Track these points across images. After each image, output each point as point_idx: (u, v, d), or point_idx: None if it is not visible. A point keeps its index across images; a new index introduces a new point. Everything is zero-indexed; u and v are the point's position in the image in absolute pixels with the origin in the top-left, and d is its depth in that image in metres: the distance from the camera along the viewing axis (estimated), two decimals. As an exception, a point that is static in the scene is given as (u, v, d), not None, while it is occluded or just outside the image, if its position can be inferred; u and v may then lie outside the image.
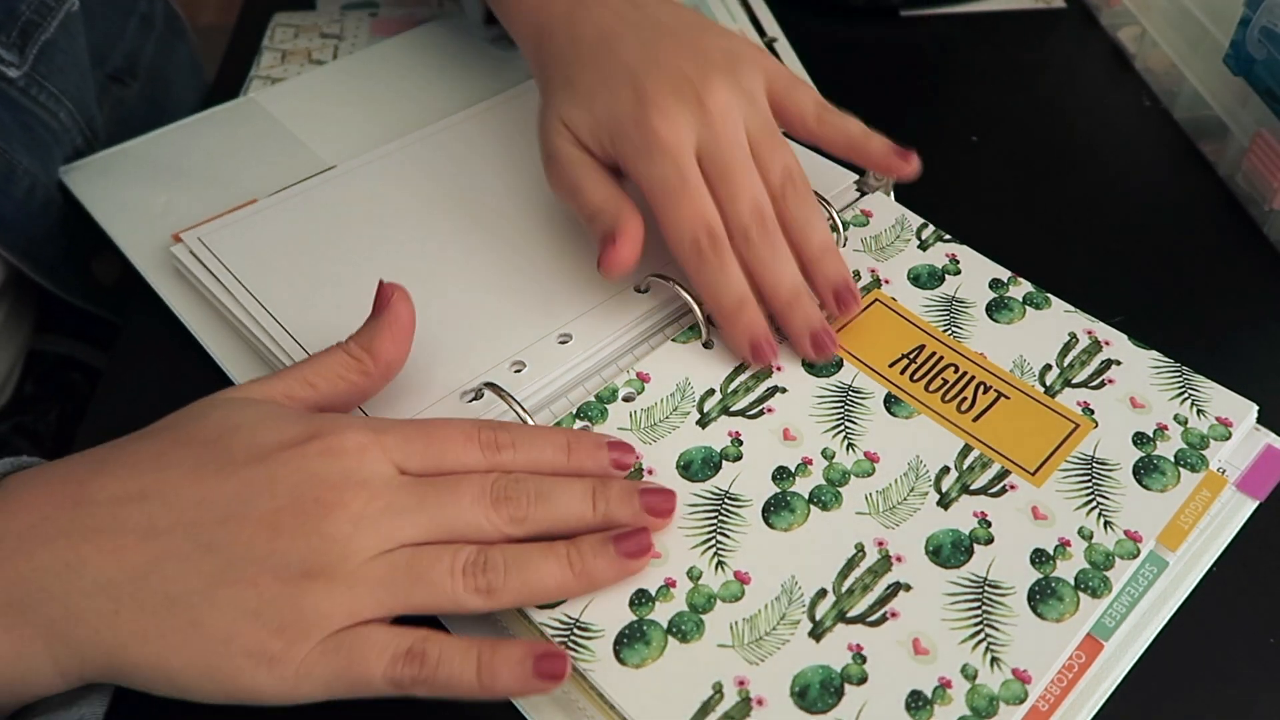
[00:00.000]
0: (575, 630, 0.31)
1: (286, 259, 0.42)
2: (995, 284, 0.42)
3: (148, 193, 0.47)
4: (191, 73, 0.62)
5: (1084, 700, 0.31)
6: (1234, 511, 0.36)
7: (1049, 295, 0.41)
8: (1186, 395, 0.37)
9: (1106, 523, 0.34)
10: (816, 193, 0.43)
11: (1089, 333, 0.40)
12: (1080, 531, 0.33)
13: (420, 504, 0.30)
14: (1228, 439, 0.36)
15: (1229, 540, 0.35)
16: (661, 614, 0.31)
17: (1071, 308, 0.41)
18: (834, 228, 0.43)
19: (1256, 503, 0.36)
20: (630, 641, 0.31)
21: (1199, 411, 0.37)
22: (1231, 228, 0.49)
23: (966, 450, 0.36)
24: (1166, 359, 0.39)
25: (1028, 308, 0.41)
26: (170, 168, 0.49)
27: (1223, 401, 0.37)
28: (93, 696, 0.30)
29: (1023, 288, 0.41)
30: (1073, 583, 0.32)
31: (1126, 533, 0.33)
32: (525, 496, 0.31)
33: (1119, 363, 0.39)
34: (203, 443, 0.30)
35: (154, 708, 0.30)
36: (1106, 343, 0.39)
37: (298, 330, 0.39)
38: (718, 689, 0.30)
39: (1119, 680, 0.32)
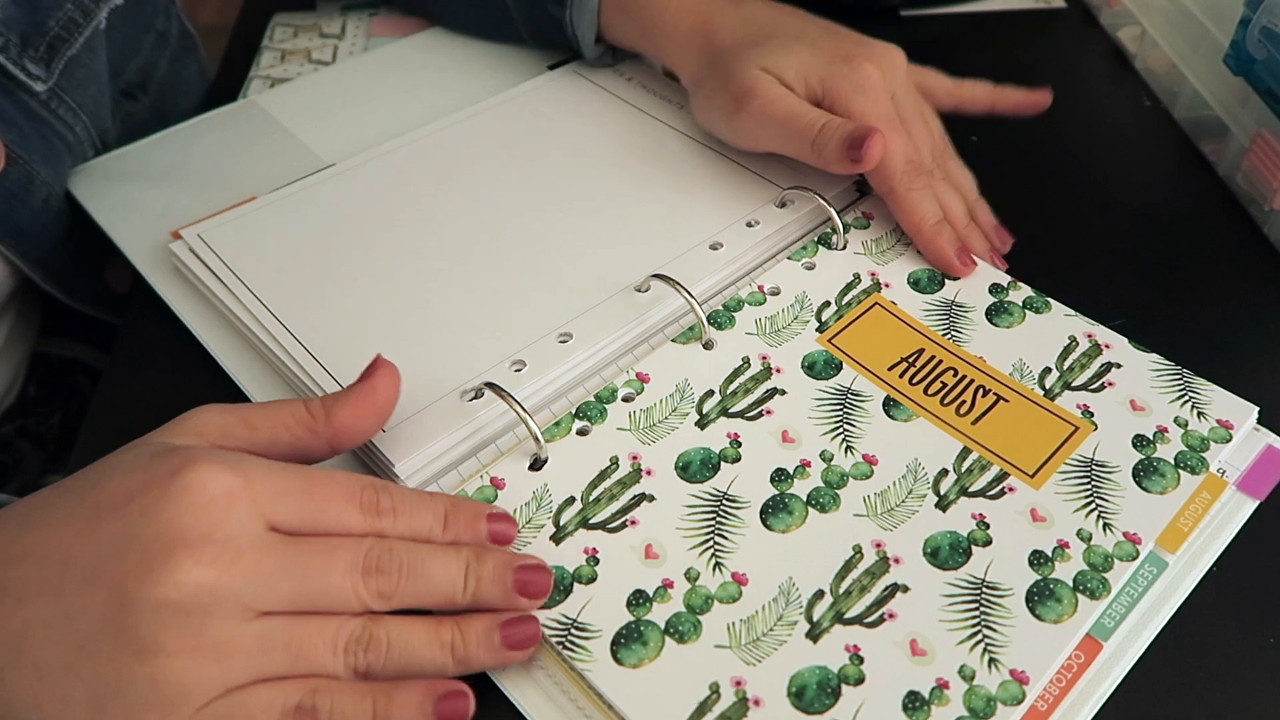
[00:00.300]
0: (573, 630, 0.31)
1: (285, 256, 0.42)
2: (995, 288, 0.42)
3: (149, 194, 0.47)
4: (199, 87, 0.62)
5: (1083, 700, 0.31)
6: (1234, 511, 0.36)
7: (1049, 299, 0.41)
8: (1187, 398, 0.37)
9: (1105, 525, 0.34)
10: (816, 193, 0.44)
11: (1089, 336, 0.40)
12: (1079, 533, 0.33)
13: (287, 571, 0.28)
14: (1228, 441, 0.36)
15: (1229, 540, 0.35)
16: (659, 615, 0.31)
17: (1072, 311, 0.41)
18: (833, 230, 0.43)
19: (1257, 502, 0.36)
20: (628, 642, 0.31)
21: (1199, 414, 0.37)
22: (1231, 228, 0.49)
23: (965, 453, 0.36)
24: (1167, 362, 0.39)
25: (1028, 312, 0.41)
26: (171, 170, 0.49)
27: (1223, 404, 0.37)
28: None
29: (1023, 292, 0.41)
30: (1071, 584, 0.32)
31: (1126, 535, 0.33)
32: (396, 569, 0.30)
33: (1119, 366, 0.39)
34: (81, 493, 0.29)
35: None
36: (1107, 346, 0.39)
37: (296, 326, 0.39)
38: (714, 689, 0.30)
39: (1119, 680, 0.32)
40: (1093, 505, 0.34)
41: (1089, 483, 0.35)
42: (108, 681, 0.26)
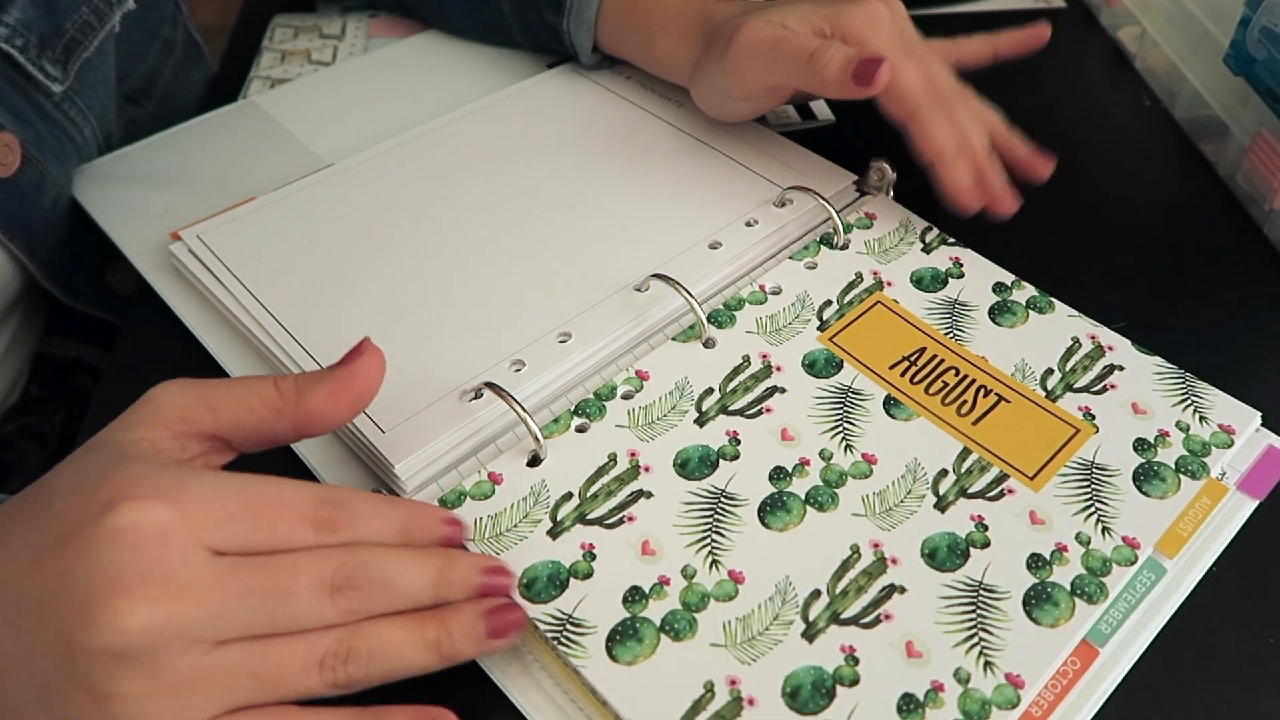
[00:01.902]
0: (568, 626, 0.31)
1: (285, 256, 0.42)
2: (999, 287, 0.42)
3: (149, 195, 0.47)
4: (203, 95, 0.62)
5: (1079, 706, 0.31)
6: (1234, 511, 0.36)
7: (1052, 300, 0.41)
8: (1189, 402, 0.37)
9: (1105, 529, 0.34)
10: (817, 193, 0.43)
11: (1092, 338, 0.39)
12: (1078, 537, 0.33)
13: (245, 598, 0.27)
14: (1230, 446, 0.36)
15: (1229, 540, 0.35)
16: (655, 612, 0.31)
17: (1075, 312, 0.41)
18: (835, 229, 0.43)
19: (1256, 502, 0.36)
20: (623, 639, 0.31)
21: (1201, 418, 0.37)
22: (1231, 228, 0.49)
23: (965, 453, 0.36)
24: (1169, 365, 0.38)
25: (1031, 312, 0.41)
26: (171, 170, 0.49)
27: (1225, 408, 0.37)
28: None
29: (1026, 292, 0.41)
30: (1069, 588, 0.32)
31: (1124, 539, 0.33)
32: (368, 584, 0.28)
33: (1121, 368, 0.38)
34: (26, 522, 0.28)
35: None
36: (1109, 348, 0.39)
37: (295, 327, 0.39)
38: (709, 688, 0.30)
39: (1115, 685, 0.32)
40: (1092, 509, 0.34)
41: (1089, 486, 0.35)
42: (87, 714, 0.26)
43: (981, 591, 0.32)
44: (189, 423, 0.30)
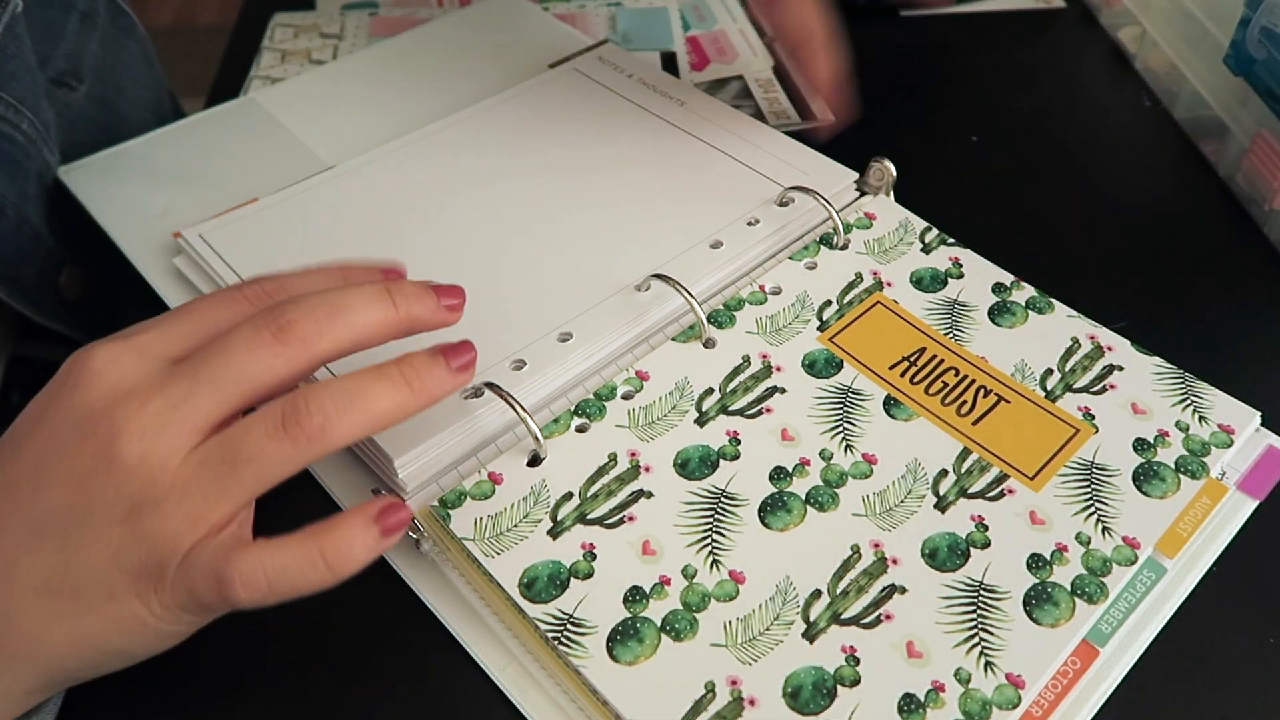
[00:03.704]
0: (569, 626, 0.31)
1: (287, 257, 0.42)
2: (998, 288, 0.42)
3: (148, 193, 0.47)
4: (145, 71, 0.59)
5: (1079, 706, 0.31)
6: (1234, 511, 0.36)
7: (1052, 300, 0.41)
8: (1189, 402, 0.37)
9: (1105, 529, 0.34)
10: (817, 193, 0.43)
11: (1091, 338, 0.39)
12: (1078, 537, 0.33)
13: (195, 380, 0.28)
14: (1229, 446, 0.36)
15: (1229, 541, 0.35)
16: (655, 612, 0.31)
17: (1074, 313, 0.41)
18: (835, 229, 0.43)
19: (1256, 502, 0.36)
20: (624, 639, 0.31)
21: (1201, 418, 0.37)
22: (1231, 228, 0.49)
23: (965, 454, 0.36)
24: (1169, 365, 0.38)
25: (1030, 312, 0.41)
26: (170, 168, 0.49)
27: (1225, 409, 0.37)
28: (42, 709, 0.30)
29: (1026, 292, 0.41)
30: (1069, 588, 0.32)
31: (1124, 539, 0.33)
32: (311, 313, 0.29)
33: (1121, 368, 0.38)
34: (6, 431, 0.30)
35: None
36: (1109, 348, 0.39)
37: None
38: (710, 688, 0.30)
39: (1115, 685, 0.32)
40: (1092, 509, 0.34)
41: (1089, 486, 0.35)
42: (105, 558, 0.27)
43: (982, 591, 0.32)
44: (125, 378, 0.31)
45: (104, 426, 0.28)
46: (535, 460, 0.35)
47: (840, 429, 0.36)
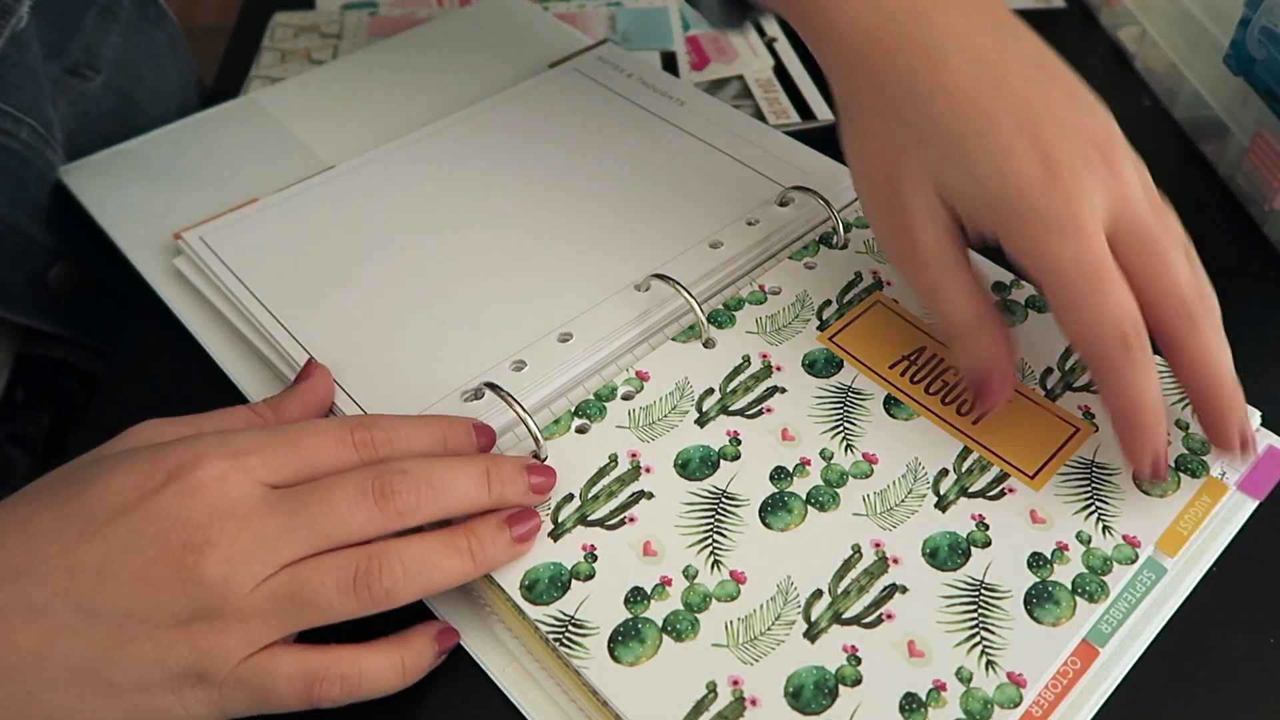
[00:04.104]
0: (570, 627, 0.31)
1: (287, 258, 0.42)
2: (998, 287, 0.42)
3: (148, 192, 0.47)
4: (170, 62, 0.58)
5: (1079, 706, 0.31)
6: (1234, 511, 0.36)
7: None
8: (1188, 401, 0.37)
9: (1105, 527, 0.34)
10: (817, 192, 0.43)
11: (1089, 334, 0.39)
12: (1078, 536, 0.33)
13: (293, 521, 0.29)
14: None
15: (1229, 540, 0.35)
16: (657, 612, 0.31)
17: (1072, 310, 0.41)
18: (835, 229, 0.43)
19: (1256, 502, 0.36)
20: (625, 639, 0.31)
21: None
22: (1231, 228, 0.49)
23: (965, 453, 0.36)
24: (1168, 365, 0.38)
25: (1030, 311, 0.41)
26: (170, 167, 0.49)
27: None
28: None
29: (1025, 291, 0.41)
30: (1070, 587, 0.32)
31: (1125, 538, 0.33)
32: (414, 487, 0.30)
33: None
34: (64, 502, 0.29)
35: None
36: None
37: (297, 328, 0.39)
38: (711, 688, 0.30)
39: (1115, 684, 0.32)
40: (1092, 507, 0.34)
41: (1089, 485, 0.35)
42: (152, 658, 0.28)
43: (983, 591, 0.32)
44: None
45: (194, 539, 0.28)
46: (536, 460, 0.35)
47: (840, 429, 0.36)
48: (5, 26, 0.44)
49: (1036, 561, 0.33)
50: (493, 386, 0.36)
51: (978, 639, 0.31)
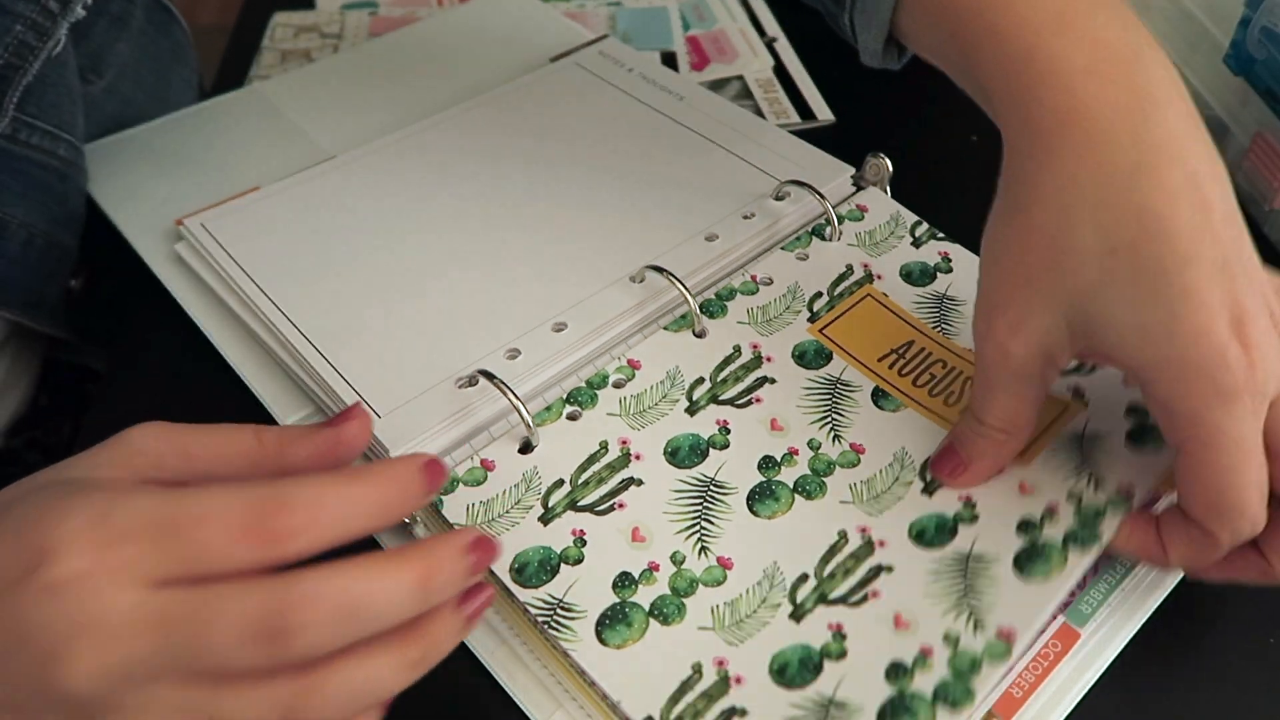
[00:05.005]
0: (558, 610, 0.31)
1: (287, 246, 0.43)
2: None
3: (151, 180, 0.48)
4: (175, 68, 0.58)
5: (1061, 695, 0.31)
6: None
7: None
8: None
9: (1097, 482, 0.33)
10: (813, 187, 0.44)
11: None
12: (1069, 495, 0.33)
13: (165, 644, 0.24)
14: None
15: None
16: (644, 597, 0.32)
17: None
18: (828, 221, 0.43)
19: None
20: (612, 623, 0.31)
21: None
22: (1229, 227, 0.49)
23: (954, 441, 0.36)
24: None
25: None
26: (173, 155, 0.49)
27: None
28: None
29: None
30: (1060, 544, 0.32)
31: (1119, 488, 0.33)
32: (319, 625, 0.24)
33: None
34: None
35: None
36: None
37: (297, 315, 0.40)
38: (697, 669, 0.30)
39: (1100, 672, 0.32)
40: (1084, 470, 0.34)
41: (1079, 452, 0.35)
42: None
43: (970, 562, 0.32)
44: (160, 469, 0.28)
45: (60, 652, 0.24)
46: (527, 447, 0.36)
47: (829, 419, 0.37)
48: (43, 49, 0.43)
49: (1026, 526, 0.33)
50: (486, 374, 0.37)
51: (965, 605, 0.31)
